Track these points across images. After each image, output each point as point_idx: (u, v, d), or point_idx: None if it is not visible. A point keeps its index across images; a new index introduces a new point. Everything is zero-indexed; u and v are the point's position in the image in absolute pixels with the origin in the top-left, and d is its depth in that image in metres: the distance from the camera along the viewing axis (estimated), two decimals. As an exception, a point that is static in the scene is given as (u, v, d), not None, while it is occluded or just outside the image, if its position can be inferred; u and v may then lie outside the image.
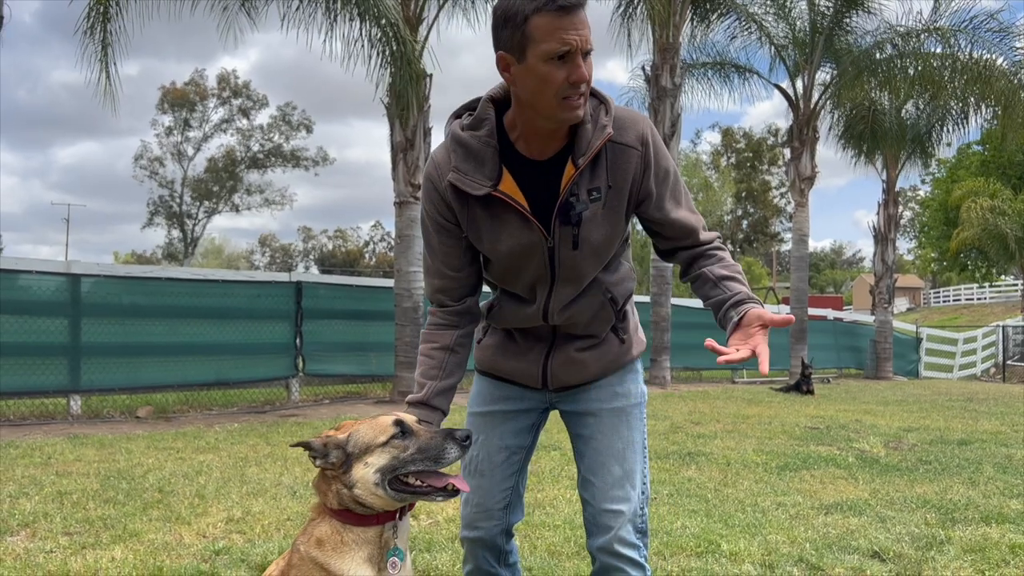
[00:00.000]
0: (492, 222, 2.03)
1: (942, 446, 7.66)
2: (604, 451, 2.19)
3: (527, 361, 2.21)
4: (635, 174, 2.00)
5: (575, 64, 1.82)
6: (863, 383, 18.77)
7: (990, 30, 16.50)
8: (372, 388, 12.16)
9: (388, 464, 1.80)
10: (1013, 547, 4.05)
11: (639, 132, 2.00)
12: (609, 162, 1.98)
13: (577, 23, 1.80)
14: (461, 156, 2.00)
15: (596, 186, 1.99)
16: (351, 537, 1.82)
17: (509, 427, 2.27)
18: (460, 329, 2.19)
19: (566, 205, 1.98)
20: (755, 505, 4.99)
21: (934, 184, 48.32)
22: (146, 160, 53.33)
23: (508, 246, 2.04)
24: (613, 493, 2.16)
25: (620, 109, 2.02)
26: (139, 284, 9.96)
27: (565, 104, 1.87)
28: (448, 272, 2.15)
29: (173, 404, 9.99)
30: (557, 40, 1.80)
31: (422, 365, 2.17)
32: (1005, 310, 40.65)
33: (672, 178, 2.07)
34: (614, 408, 2.20)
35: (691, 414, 10.06)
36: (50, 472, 5.66)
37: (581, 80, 1.83)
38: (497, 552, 2.31)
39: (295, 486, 5.28)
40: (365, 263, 69.55)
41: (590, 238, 2.01)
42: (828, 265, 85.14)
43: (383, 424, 1.86)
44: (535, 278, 2.09)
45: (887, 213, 22.20)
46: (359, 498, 1.81)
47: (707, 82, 18.66)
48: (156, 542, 3.97)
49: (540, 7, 1.80)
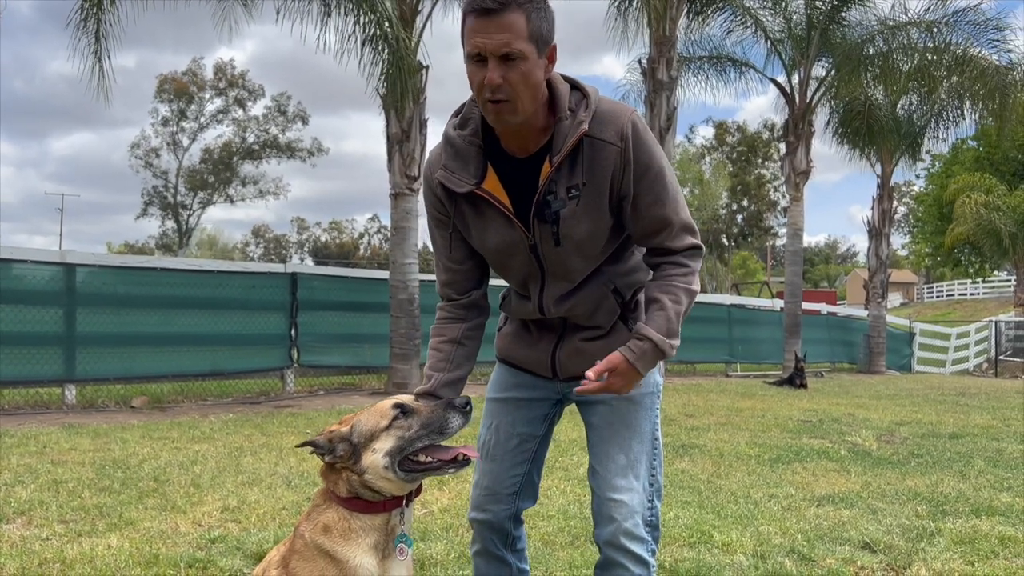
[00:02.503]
0: (478, 219, 2.07)
1: (934, 440, 7.71)
2: (609, 440, 2.19)
3: (538, 350, 2.25)
4: (614, 170, 1.98)
5: (488, 67, 1.84)
6: (856, 377, 18.85)
7: (980, 24, 16.52)
8: (367, 379, 12.18)
9: (396, 446, 1.84)
10: (1002, 539, 4.09)
11: (619, 127, 1.96)
12: (587, 158, 1.97)
13: (492, 27, 1.82)
14: (450, 155, 2.06)
15: (575, 183, 1.98)
16: (358, 524, 1.85)
17: (522, 414, 2.29)
18: (467, 322, 2.23)
19: (543, 203, 2.00)
20: (747, 497, 5.02)
21: (928, 179, 48.39)
22: (142, 150, 53.12)
23: (494, 242, 2.08)
24: (616, 482, 2.16)
25: (604, 103, 2.00)
26: (134, 274, 9.96)
27: (487, 107, 1.90)
28: (451, 265, 2.20)
29: (168, 394, 10.00)
30: (471, 43, 1.85)
31: (431, 358, 2.21)
32: (998, 305, 40.76)
33: (654, 174, 2.01)
34: (624, 397, 2.17)
35: (685, 407, 10.10)
36: (45, 461, 5.67)
37: (489, 83, 1.84)
38: (505, 536, 2.34)
39: (290, 476, 5.30)
40: (359, 255, 69.46)
41: (572, 235, 2.02)
42: (822, 260, 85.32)
43: (383, 408, 1.89)
44: (525, 274, 2.13)
45: (881, 208, 22.24)
46: (370, 484, 1.84)
47: (703, 76, 18.66)
48: (152, 530, 3.99)
49: (467, 9, 1.86)
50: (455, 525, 4.16)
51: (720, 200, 55.70)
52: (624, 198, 2.02)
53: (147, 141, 53.35)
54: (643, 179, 2.00)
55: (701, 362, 17.90)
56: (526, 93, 1.88)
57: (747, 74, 18.61)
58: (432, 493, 4.87)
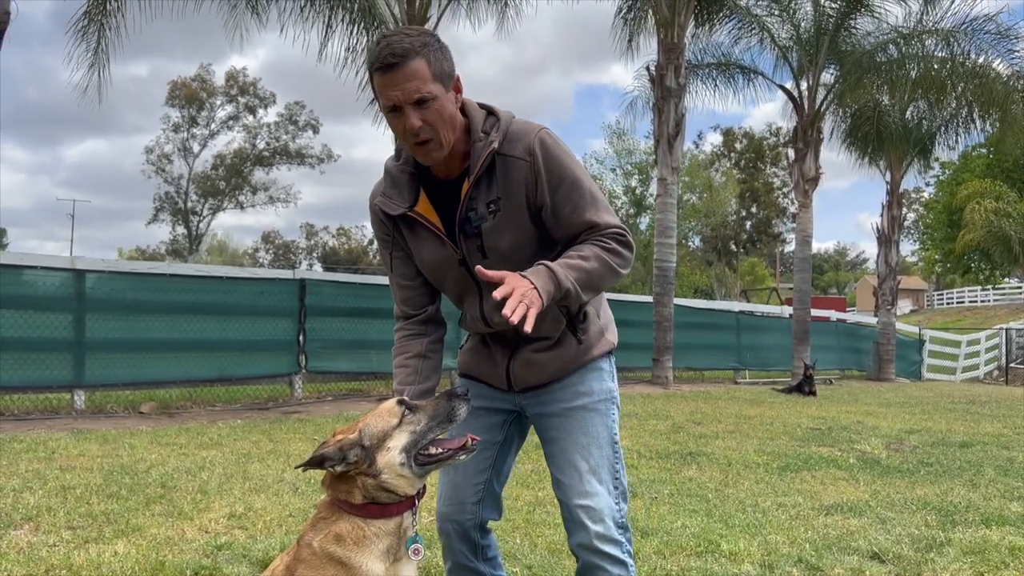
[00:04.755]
0: (414, 239, 2.24)
1: (943, 448, 7.66)
2: (569, 449, 2.26)
3: (494, 364, 2.35)
4: (527, 183, 2.10)
5: (406, 116, 1.99)
6: (865, 384, 18.76)
7: (988, 32, 16.49)
8: (375, 385, 12.18)
9: (410, 441, 1.90)
10: (1013, 549, 4.06)
11: (527, 144, 2.09)
12: (500, 174, 2.11)
13: (400, 79, 1.97)
14: (388, 183, 2.25)
15: (494, 198, 2.12)
16: (373, 531, 1.88)
17: (480, 422, 2.34)
18: (428, 336, 2.34)
19: (465, 219, 2.14)
20: (755, 505, 5.00)
21: (938, 186, 48.24)
22: (155, 155, 53.42)
23: (429, 260, 2.24)
24: (581, 488, 2.22)
25: (516, 123, 2.15)
26: (143, 280, 9.99)
27: (416, 150, 2.07)
28: (403, 281, 2.34)
29: (176, 400, 10.02)
30: (384, 97, 2.01)
31: (398, 376, 2.30)
32: (1009, 313, 40.53)
33: (568, 185, 2.12)
34: (576, 407, 2.28)
35: (693, 414, 10.07)
36: (54, 467, 5.69)
37: (411, 129, 2.00)
38: (473, 546, 2.40)
39: (297, 482, 5.30)
40: (368, 261, 69.59)
41: (496, 246, 2.14)
42: (831, 266, 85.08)
43: (390, 408, 1.95)
44: (461, 289, 2.26)
45: (891, 215, 22.17)
46: (386, 484, 1.88)
47: (711, 83, 18.67)
48: (158, 537, 3.99)
49: (372, 68, 2.03)
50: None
51: (729, 206, 55.57)
52: (542, 208, 2.14)
53: (160, 146, 53.69)
54: (558, 190, 2.12)
55: (709, 369, 17.83)
56: (444, 127, 2.04)
57: (755, 81, 18.63)
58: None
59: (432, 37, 2.05)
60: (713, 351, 17.38)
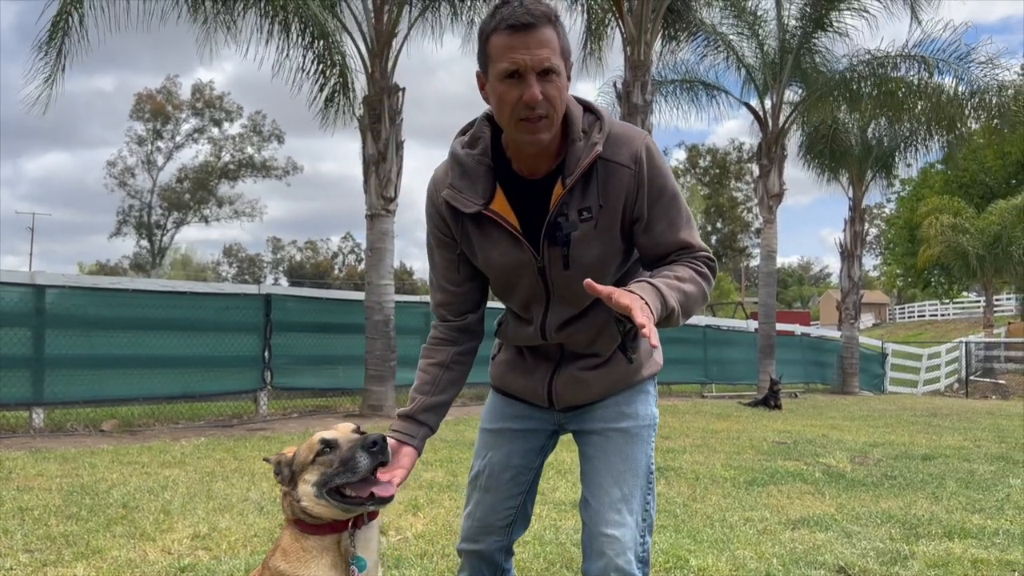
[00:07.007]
0: (484, 240, 2.03)
1: (906, 461, 7.77)
2: (604, 472, 2.14)
3: (534, 379, 2.20)
4: (628, 193, 1.96)
5: (527, 84, 1.82)
6: (830, 398, 18.98)
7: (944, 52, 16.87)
8: (341, 402, 12.07)
9: (320, 479, 1.86)
10: (975, 562, 4.11)
11: (633, 150, 1.95)
12: (601, 181, 1.95)
13: (530, 42, 1.80)
14: (457, 174, 2.02)
15: (587, 205, 1.95)
16: (310, 544, 1.87)
17: (517, 447, 2.25)
18: (458, 346, 2.19)
19: (554, 225, 1.96)
20: (723, 520, 5.02)
21: (899, 202, 49.12)
22: (118, 169, 52.74)
23: (500, 263, 2.05)
24: (609, 516, 2.09)
25: (617, 125, 1.99)
26: (105, 296, 9.81)
27: (521, 126, 1.86)
28: (448, 287, 2.16)
29: (139, 417, 9.85)
30: (507, 59, 1.82)
31: (417, 379, 2.18)
32: (968, 326, 41.35)
33: (668, 199, 2.00)
34: (619, 429, 2.15)
35: (660, 428, 10.03)
36: (11, 487, 5.55)
37: (532, 100, 1.82)
38: (495, 568, 2.31)
39: (262, 502, 5.23)
40: (335, 275, 69.16)
41: (582, 259, 1.98)
42: (796, 281, 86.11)
43: (312, 443, 1.92)
44: (529, 296, 2.09)
45: (853, 230, 22.52)
46: (307, 510, 1.87)
47: (675, 100, 18.85)
48: (120, 559, 3.90)
49: (496, 26, 1.83)
50: (429, 552, 4.11)
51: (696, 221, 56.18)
52: (636, 221, 2.00)
53: (123, 160, 53.04)
54: (657, 203, 1.99)
55: (676, 383, 17.94)
56: (560, 109, 1.88)
57: (719, 98, 18.84)
58: (407, 519, 4.82)
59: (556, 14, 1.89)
60: (680, 365, 17.49)
